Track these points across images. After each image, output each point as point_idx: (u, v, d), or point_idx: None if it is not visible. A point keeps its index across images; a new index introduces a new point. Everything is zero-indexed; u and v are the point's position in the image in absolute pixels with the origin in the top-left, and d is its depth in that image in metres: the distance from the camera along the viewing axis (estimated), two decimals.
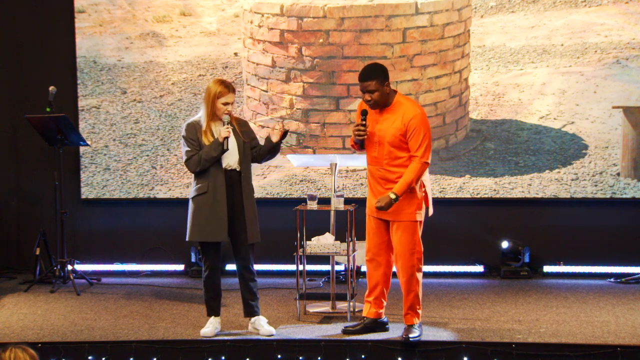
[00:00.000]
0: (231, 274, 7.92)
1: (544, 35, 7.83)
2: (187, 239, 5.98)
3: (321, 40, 7.92)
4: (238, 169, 5.90)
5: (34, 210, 8.22)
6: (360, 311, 6.59)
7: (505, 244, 7.87)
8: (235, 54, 8.11)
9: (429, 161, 5.72)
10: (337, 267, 7.24)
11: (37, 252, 7.70)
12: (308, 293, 6.75)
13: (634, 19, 7.73)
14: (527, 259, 7.81)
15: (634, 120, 7.78)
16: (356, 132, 5.74)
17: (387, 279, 5.96)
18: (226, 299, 7.08)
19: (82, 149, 8.19)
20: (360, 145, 5.81)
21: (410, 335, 5.77)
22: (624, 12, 7.74)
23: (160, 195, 8.20)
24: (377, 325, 5.99)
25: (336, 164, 6.66)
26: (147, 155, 8.22)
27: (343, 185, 7.97)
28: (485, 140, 7.95)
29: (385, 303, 6.00)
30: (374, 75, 5.68)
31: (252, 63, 8.06)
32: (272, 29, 7.95)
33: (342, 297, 6.56)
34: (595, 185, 7.83)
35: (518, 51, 7.87)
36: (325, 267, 7.60)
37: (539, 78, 7.86)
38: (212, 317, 6.01)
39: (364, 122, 5.73)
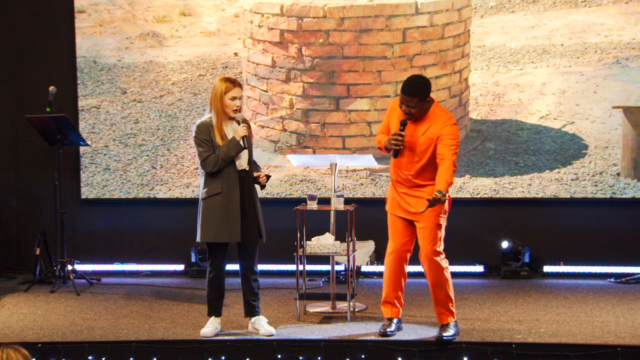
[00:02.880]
0: (230, 274, 7.94)
1: (544, 35, 7.83)
2: (198, 240, 5.95)
3: (321, 40, 7.92)
4: (248, 169, 5.91)
5: (34, 210, 8.22)
6: (360, 311, 6.61)
7: (505, 244, 7.87)
8: (235, 54, 8.11)
9: (456, 159, 5.70)
10: (337, 267, 7.24)
11: (37, 252, 7.69)
12: (308, 293, 6.75)
13: (634, 19, 7.73)
14: (527, 259, 7.82)
15: (634, 120, 7.78)
16: (393, 142, 5.70)
17: (405, 278, 5.99)
18: (226, 298, 7.06)
19: (82, 149, 8.19)
20: (394, 153, 5.77)
21: (444, 334, 5.77)
22: (624, 12, 7.74)
23: (160, 195, 8.20)
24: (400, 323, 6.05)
25: (336, 164, 6.66)
26: (147, 155, 8.22)
27: (343, 185, 7.97)
28: (485, 140, 7.95)
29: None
30: (418, 93, 5.66)
31: (252, 63, 8.06)
32: (272, 29, 7.95)
33: (342, 297, 6.56)
34: (595, 185, 7.83)
35: (518, 51, 7.87)
36: (325, 267, 7.60)
37: (539, 78, 7.86)
38: (213, 317, 6.01)
39: (402, 133, 5.70)
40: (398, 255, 5.93)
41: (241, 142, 5.79)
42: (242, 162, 5.88)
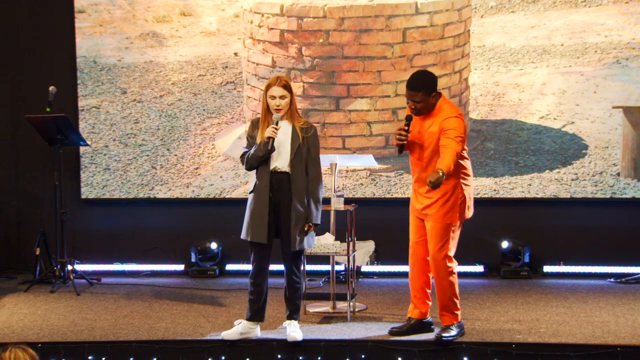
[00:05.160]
0: (231, 274, 7.95)
1: (544, 35, 7.83)
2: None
3: (321, 40, 7.92)
4: (288, 172, 5.77)
5: (34, 210, 8.21)
6: (360, 311, 6.62)
7: (505, 244, 7.87)
8: (235, 54, 8.11)
9: (461, 149, 5.61)
10: (337, 267, 7.24)
11: (37, 252, 7.69)
12: (308, 293, 6.75)
13: (634, 19, 7.73)
14: (527, 259, 7.81)
15: (634, 120, 7.78)
16: (397, 137, 5.71)
17: (427, 278, 5.96)
18: (227, 298, 7.09)
19: (82, 149, 8.19)
20: (399, 148, 5.78)
21: (444, 334, 5.77)
22: (624, 12, 7.74)
23: (160, 195, 8.20)
24: (423, 325, 5.99)
25: (336, 164, 6.66)
26: (147, 155, 8.21)
27: (343, 185, 7.97)
28: (485, 140, 7.95)
29: (429, 303, 6.00)
30: (422, 87, 5.67)
31: (252, 63, 8.06)
32: (272, 29, 7.95)
33: (342, 297, 6.56)
34: (595, 185, 7.83)
35: (518, 51, 7.87)
36: (325, 267, 7.59)
37: (539, 78, 7.86)
38: (244, 320, 5.90)
39: (406, 128, 5.70)
40: (412, 251, 5.94)
41: (269, 144, 5.65)
42: (278, 165, 5.76)
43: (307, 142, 5.79)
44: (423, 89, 5.66)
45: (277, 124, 5.70)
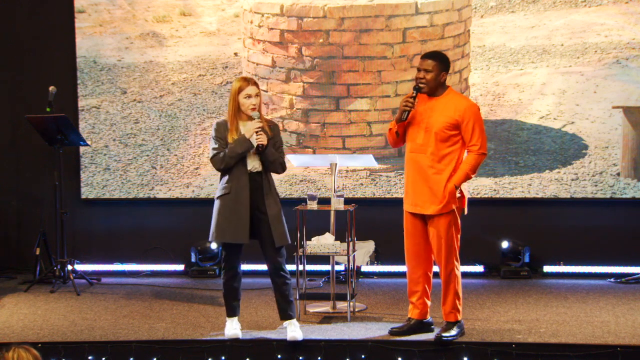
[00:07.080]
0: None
1: (544, 35, 7.83)
2: (209, 239, 5.91)
3: (321, 40, 7.92)
4: (261, 171, 5.80)
5: (34, 210, 8.21)
6: (360, 311, 6.62)
7: (505, 244, 7.87)
8: (235, 54, 8.11)
9: (486, 152, 5.76)
10: (337, 267, 7.24)
11: (37, 252, 7.69)
12: (308, 293, 6.75)
13: (634, 19, 7.74)
14: (527, 259, 7.81)
15: (634, 120, 7.78)
16: (404, 104, 5.69)
17: (427, 278, 5.94)
18: (223, 299, 7.08)
19: (82, 149, 8.19)
20: (405, 116, 5.72)
21: (444, 334, 5.76)
22: (624, 12, 7.74)
23: (160, 195, 8.20)
24: (423, 325, 5.97)
25: (336, 164, 6.66)
26: (147, 155, 8.22)
27: (343, 185, 7.97)
28: None
29: (429, 303, 5.99)
30: (437, 57, 5.74)
31: (252, 63, 8.06)
32: (272, 29, 7.95)
33: (342, 297, 6.56)
34: (595, 185, 7.83)
35: (518, 51, 7.87)
36: (325, 267, 7.60)
37: (539, 78, 7.87)
38: (229, 318, 5.94)
39: (414, 95, 5.70)
40: (413, 252, 5.90)
41: (252, 140, 5.71)
42: (255, 165, 5.78)
43: (273, 140, 5.83)
44: (437, 59, 5.70)
45: (259, 119, 5.76)
